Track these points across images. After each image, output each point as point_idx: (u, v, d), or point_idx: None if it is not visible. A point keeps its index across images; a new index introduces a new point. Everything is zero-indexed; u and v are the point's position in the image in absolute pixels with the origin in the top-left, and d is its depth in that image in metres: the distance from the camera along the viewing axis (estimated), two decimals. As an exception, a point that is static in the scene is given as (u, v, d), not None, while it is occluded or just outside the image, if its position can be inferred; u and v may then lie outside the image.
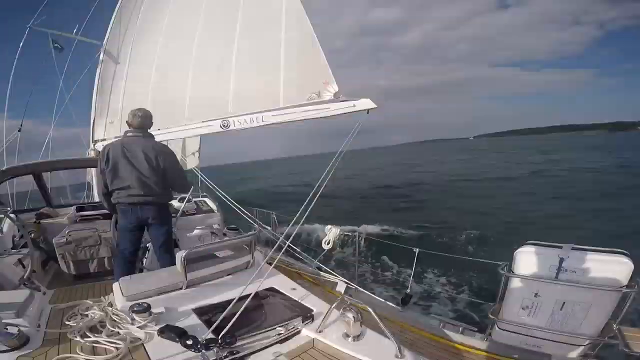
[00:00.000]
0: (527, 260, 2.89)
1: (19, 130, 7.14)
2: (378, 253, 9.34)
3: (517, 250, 2.98)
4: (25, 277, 2.99)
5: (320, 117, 3.63)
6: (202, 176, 5.98)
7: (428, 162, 54.06)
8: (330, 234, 3.38)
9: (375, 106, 3.20)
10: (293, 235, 2.85)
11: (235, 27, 5.48)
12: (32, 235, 3.89)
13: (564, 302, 2.75)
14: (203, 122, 5.08)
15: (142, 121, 2.94)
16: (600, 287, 2.59)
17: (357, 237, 4.30)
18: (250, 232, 3.09)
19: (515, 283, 2.96)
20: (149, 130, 3.05)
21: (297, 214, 2.36)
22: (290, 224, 2.50)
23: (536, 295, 2.85)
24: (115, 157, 2.78)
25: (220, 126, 4.73)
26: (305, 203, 2.37)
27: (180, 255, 2.27)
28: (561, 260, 2.73)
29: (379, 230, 12.69)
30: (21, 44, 7.54)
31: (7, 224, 3.59)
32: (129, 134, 2.92)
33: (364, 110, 3.24)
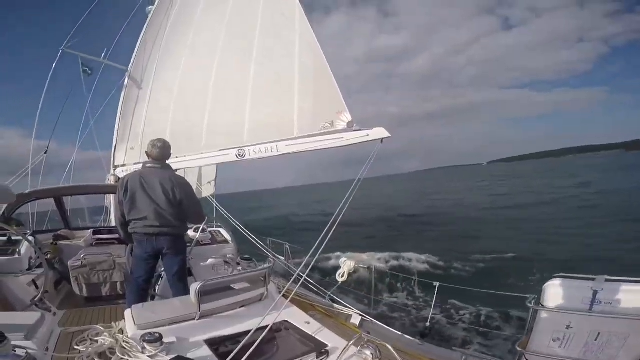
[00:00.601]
0: (558, 293, 2.85)
1: (45, 153, 7.30)
2: (395, 285, 9.04)
3: (546, 284, 2.93)
4: (37, 298, 3.01)
5: (334, 147, 3.66)
6: (217, 205, 6.06)
7: (444, 189, 52.40)
8: (345, 266, 3.30)
9: (389, 135, 3.21)
10: (310, 268, 2.80)
11: (251, 56, 5.65)
12: (49, 255, 3.97)
13: (599, 333, 2.67)
14: (219, 150, 5.23)
15: (160, 152, 3.01)
16: (638, 318, 2.50)
17: (372, 270, 4.19)
18: (265, 265, 3.06)
19: (545, 315, 2.90)
20: (167, 162, 3.11)
21: (314, 246, 2.31)
22: (308, 255, 2.46)
23: (568, 327, 2.76)
24: (134, 189, 2.84)
25: (236, 155, 4.84)
26: (322, 235, 2.34)
27: (195, 287, 2.25)
28: (595, 293, 2.68)
29: (396, 259, 12.35)
30: (53, 66, 7.62)
31: (25, 246, 3.66)
32: (147, 165, 3.00)
33: (378, 139, 3.25)
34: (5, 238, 3.68)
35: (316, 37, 5.05)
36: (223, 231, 5.16)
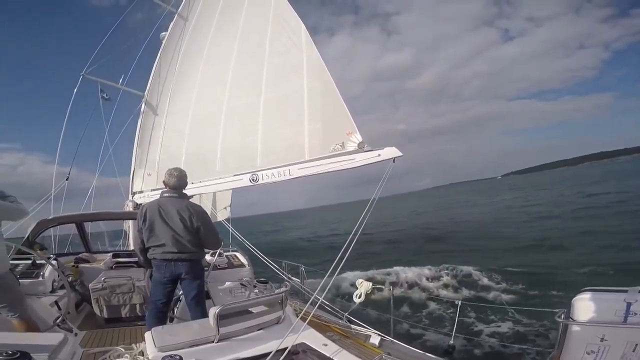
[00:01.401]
0: (588, 306, 2.81)
1: (66, 179, 7.50)
2: (416, 304, 8.82)
3: (575, 297, 2.89)
4: (60, 319, 3.10)
5: (346, 169, 3.70)
6: (232, 229, 6.12)
7: (461, 205, 50.35)
8: (362, 287, 3.25)
9: (401, 154, 3.24)
10: (326, 290, 2.80)
11: (261, 80, 5.85)
12: (70, 278, 4.09)
13: (636, 344, 2.63)
14: (233, 176, 5.34)
15: (177, 182, 3.13)
16: None
17: (391, 289, 4.13)
18: (282, 288, 3.07)
19: (576, 329, 2.86)
20: (183, 190, 3.22)
21: (331, 268, 2.33)
22: (325, 277, 2.47)
23: (602, 339, 2.72)
24: (152, 217, 2.96)
25: (250, 180, 4.93)
26: (338, 256, 2.35)
27: (214, 310, 2.28)
28: (629, 305, 2.65)
29: (416, 277, 11.99)
30: (74, 91, 7.71)
31: (48, 269, 3.78)
32: (165, 195, 3.12)
33: (390, 159, 3.28)
34: (30, 261, 3.85)
35: (322, 59, 5.20)
36: (239, 255, 5.22)
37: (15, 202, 2.69)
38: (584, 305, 2.82)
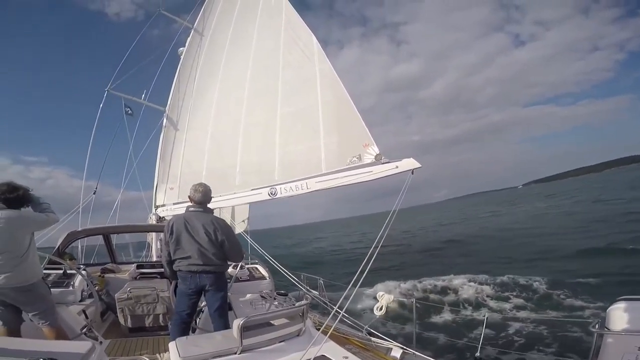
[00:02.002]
0: (624, 315, 2.77)
1: (94, 193, 7.82)
2: (440, 316, 8.56)
3: (611, 307, 2.86)
4: (87, 328, 3.22)
5: (364, 181, 3.71)
6: (251, 241, 6.22)
7: (486, 214, 48.23)
8: (383, 299, 3.23)
9: (420, 165, 3.23)
10: (347, 304, 2.80)
11: (276, 94, 5.98)
12: (97, 287, 4.24)
13: None
14: (252, 190, 5.45)
15: (202, 197, 3.26)
16: None
17: (413, 302, 4.06)
18: (302, 301, 3.11)
19: (612, 339, 2.81)
20: (207, 205, 3.34)
21: (352, 282, 2.35)
22: (346, 290, 2.49)
23: None
24: (179, 230, 3.08)
25: (268, 194, 5.02)
26: (360, 269, 2.37)
27: (237, 322, 2.34)
28: None
29: (442, 289, 11.77)
30: (100, 106, 7.97)
31: (78, 279, 3.96)
32: (190, 209, 3.25)
33: (408, 170, 3.28)
34: (61, 271, 4.03)
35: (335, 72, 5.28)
36: (260, 267, 5.29)
37: (48, 208, 2.89)
38: (620, 315, 2.78)
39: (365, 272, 2.38)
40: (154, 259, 7.50)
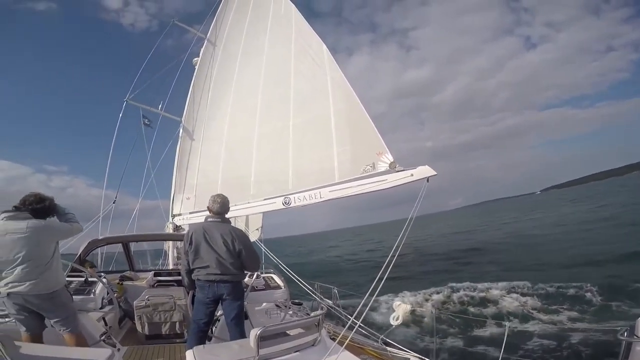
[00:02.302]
0: None
1: (113, 202, 8.03)
2: (460, 326, 8.32)
3: None
4: (106, 335, 3.29)
5: (378, 190, 3.70)
6: (265, 250, 6.27)
7: (505, 221, 46.00)
8: (400, 309, 3.17)
9: (435, 173, 3.20)
10: (364, 314, 2.76)
11: (289, 103, 6.05)
12: (115, 294, 4.34)
13: None
14: (266, 199, 5.50)
15: (220, 207, 3.34)
16: None
17: (432, 312, 3.97)
18: (318, 312, 3.10)
19: None
20: (225, 215, 3.40)
21: (369, 291, 2.34)
22: (363, 300, 2.47)
23: None
24: (198, 240, 3.15)
25: (283, 203, 5.06)
26: (376, 279, 2.36)
27: (255, 332, 2.36)
28: None
29: (462, 297, 11.42)
30: (120, 117, 8.09)
31: (99, 287, 4.08)
32: (209, 220, 3.32)
33: (424, 178, 3.25)
34: (82, 279, 4.15)
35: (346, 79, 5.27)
36: (275, 277, 5.31)
37: (73, 218, 3.01)
38: None
39: (383, 281, 2.36)
40: (171, 266, 7.66)
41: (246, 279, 4.49)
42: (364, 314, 2.71)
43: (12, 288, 2.53)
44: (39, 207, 2.75)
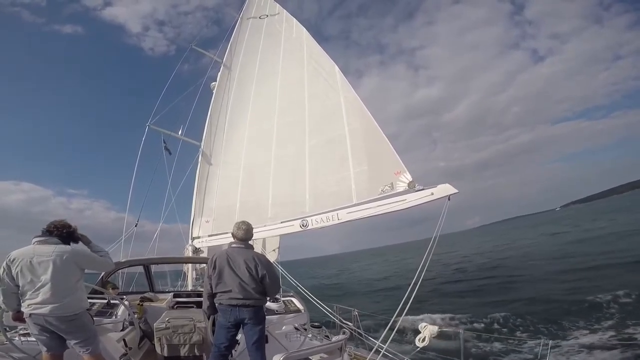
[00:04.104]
0: None
1: (135, 226, 8.15)
2: (492, 347, 7.98)
3: None
4: (125, 357, 3.31)
5: (397, 210, 3.66)
6: (283, 271, 6.25)
7: (532, 238, 43.32)
8: (426, 330, 3.07)
9: (456, 191, 3.16)
10: (391, 338, 2.71)
11: (304, 126, 6.15)
12: (136, 315, 4.37)
13: None
14: (283, 222, 5.50)
15: (244, 234, 3.41)
16: None
17: (461, 333, 3.81)
18: (340, 336, 3.05)
19: None
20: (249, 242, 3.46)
21: (395, 314, 2.31)
22: (389, 324, 2.44)
23: None
24: (221, 265, 3.20)
25: (300, 226, 5.06)
26: (404, 299, 2.33)
27: (278, 358, 2.34)
28: None
29: (492, 319, 10.92)
30: (142, 141, 8.19)
31: (121, 309, 4.13)
32: (233, 245, 3.39)
33: (445, 197, 3.21)
34: (105, 301, 4.23)
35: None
36: (295, 300, 5.27)
37: (106, 255, 3.10)
38: None
39: (410, 302, 2.33)
40: (190, 288, 7.69)
41: (268, 304, 4.47)
42: (391, 337, 2.65)
43: (35, 309, 2.62)
44: (65, 232, 2.87)
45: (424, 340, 3.05)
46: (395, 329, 2.36)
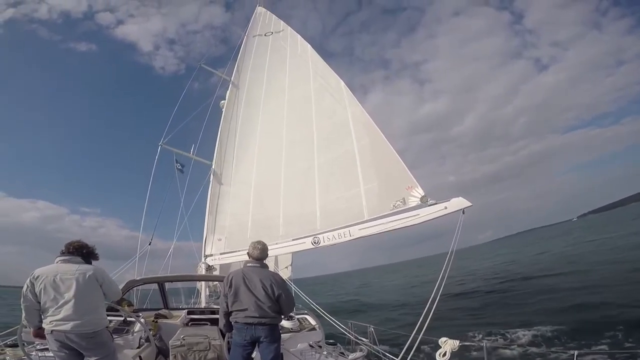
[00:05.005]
0: None
1: (149, 244, 8.27)
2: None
3: None
4: None
5: (410, 226, 3.63)
6: (296, 289, 6.21)
7: (559, 250, 39.56)
8: (447, 345, 2.99)
9: (470, 204, 3.14)
10: (412, 353, 2.65)
11: (312, 143, 6.19)
12: (151, 332, 4.38)
13: None
14: (295, 239, 5.49)
15: (260, 254, 3.46)
16: None
17: (484, 346, 3.68)
18: (358, 354, 3.01)
19: None
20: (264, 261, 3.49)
21: (415, 330, 2.28)
22: (409, 340, 2.40)
23: None
24: (237, 284, 3.24)
25: (312, 243, 5.03)
26: (423, 314, 2.31)
27: None
28: None
29: (517, 334, 10.34)
30: (155, 160, 8.32)
31: (137, 326, 4.17)
32: (248, 265, 3.43)
33: (459, 210, 3.19)
34: (121, 318, 4.27)
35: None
36: (309, 318, 5.23)
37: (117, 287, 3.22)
38: None
39: (429, 319, 2.30)
40: (203, 304, 7.70)
41: (283, 322, 4.45)
42: (411, 354, 2.59)
43: (57, 326, 2.67)
44: (85, 252, 2.97)
45: (444, 355, 2.98)
46: (415, 346, 2.31)
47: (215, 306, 5.96)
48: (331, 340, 5.01)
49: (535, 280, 21.31)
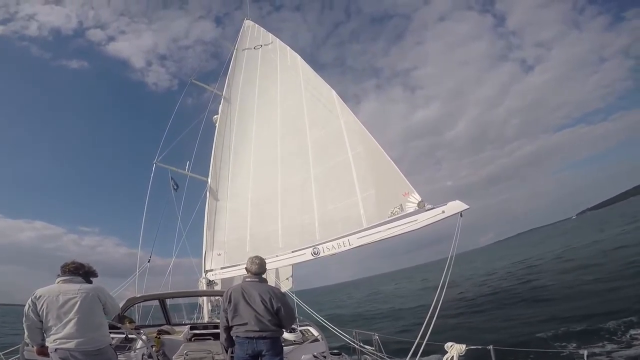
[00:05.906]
0: None
1: (148, 261, 8.19)
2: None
3: None
4: None
5: (409, 232, 3.64)
6: (297, 300, 6.15)
7: (551, 251, 41.15)
8: (453, 350, 2.95)
9: (468, 207, 3.16)
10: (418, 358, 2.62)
11: (307, 154, 6.21)
12: (153, 348, 4.31)
13: None
14: (294, 251, 5.47)
15: (258, 269, 3.47)
16: None
17: (491, 350, 3.60)
18: None
19: None
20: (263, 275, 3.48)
21: (419, 336, 2.26)
22: (413, 347, 2.37)
23: None
24: (237, 299, 3.23)
25: (312, 254, 5.03)
26: (426, 320, 2.28)
27: None
28: None
29: (527, 337, 10.27)
30: (151, 178, 8.23)
31: (139, 343, 4.12)
32: (247, 279, 3.43)
33: (456, 214, 3.20)
34: (123, 336, 4.24)
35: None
36: (312, 329, 5.17)
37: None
38: None
39: (432, 324, 2.28)
40: (206, 319, 7.64)
41: (285, 334, 4.40)
42: (417, 358, 2.55)
43: (61, 344, 2.66)
44: (82, 272, 2.98)
45: (451, 359, 2.94)
46: (421, 351, 2.29)
47: (217, 320, 5.93)
48: (336, 350, 4.95)
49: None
